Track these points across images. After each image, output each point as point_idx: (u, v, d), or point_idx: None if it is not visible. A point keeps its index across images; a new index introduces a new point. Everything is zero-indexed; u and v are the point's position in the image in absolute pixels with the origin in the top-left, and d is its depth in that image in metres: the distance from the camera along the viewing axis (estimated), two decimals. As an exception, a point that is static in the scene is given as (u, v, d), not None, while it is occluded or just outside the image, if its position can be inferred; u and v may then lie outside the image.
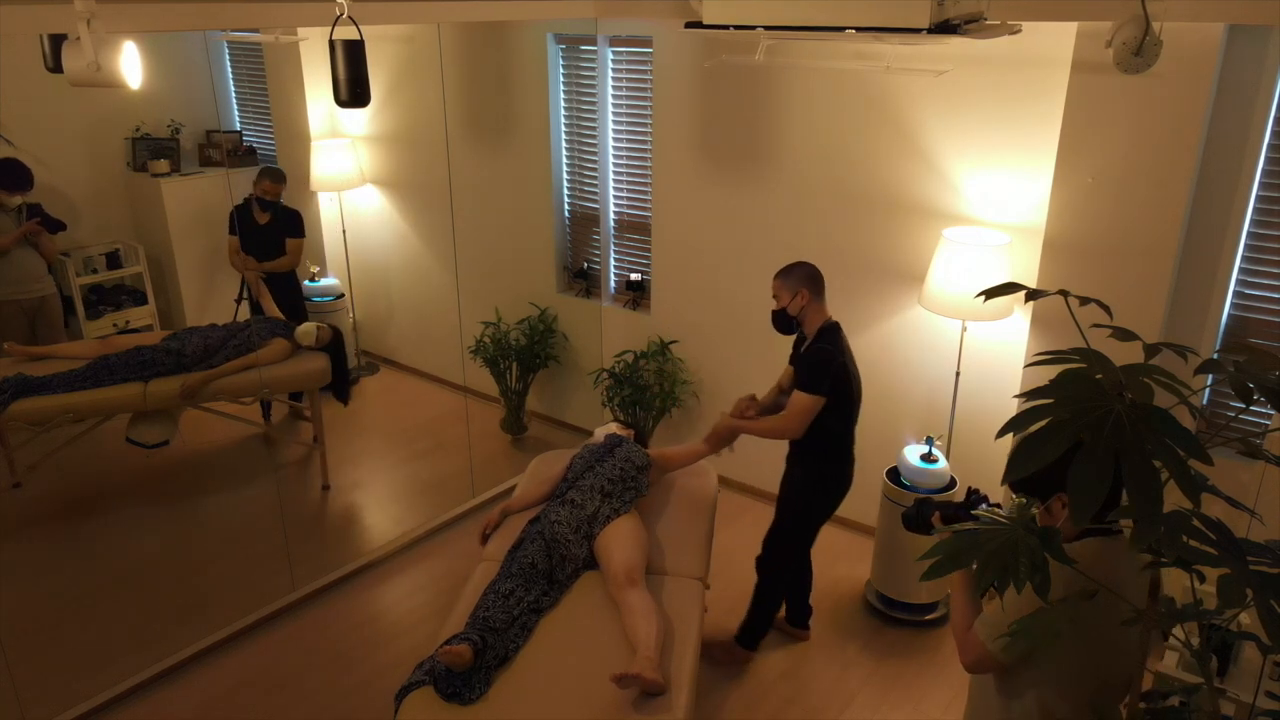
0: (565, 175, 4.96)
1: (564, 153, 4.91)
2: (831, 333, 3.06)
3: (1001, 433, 1.40)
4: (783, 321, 3.13)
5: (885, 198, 3.78)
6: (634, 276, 4.83)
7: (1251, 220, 3.07)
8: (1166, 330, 3.19)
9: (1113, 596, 1.62)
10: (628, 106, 4.58)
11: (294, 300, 4.70)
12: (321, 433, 4.61)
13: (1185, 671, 2.70)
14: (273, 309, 4.48)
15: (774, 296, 3.12)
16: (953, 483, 3.63)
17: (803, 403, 3.02)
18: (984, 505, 1.98)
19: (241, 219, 4.40)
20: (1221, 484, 1.60)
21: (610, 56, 4.53)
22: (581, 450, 3.33)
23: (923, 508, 2.11)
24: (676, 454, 3.41)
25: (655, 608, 2.63)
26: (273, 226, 4.50)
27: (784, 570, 3.34)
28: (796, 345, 3.22)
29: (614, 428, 3.56)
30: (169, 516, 4.28)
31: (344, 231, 5.48)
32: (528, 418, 5.22)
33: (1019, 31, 2.99)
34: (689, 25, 2.99)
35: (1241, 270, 3.13)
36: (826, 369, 2.99)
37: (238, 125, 4.73)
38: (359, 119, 5.46)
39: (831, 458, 3.19)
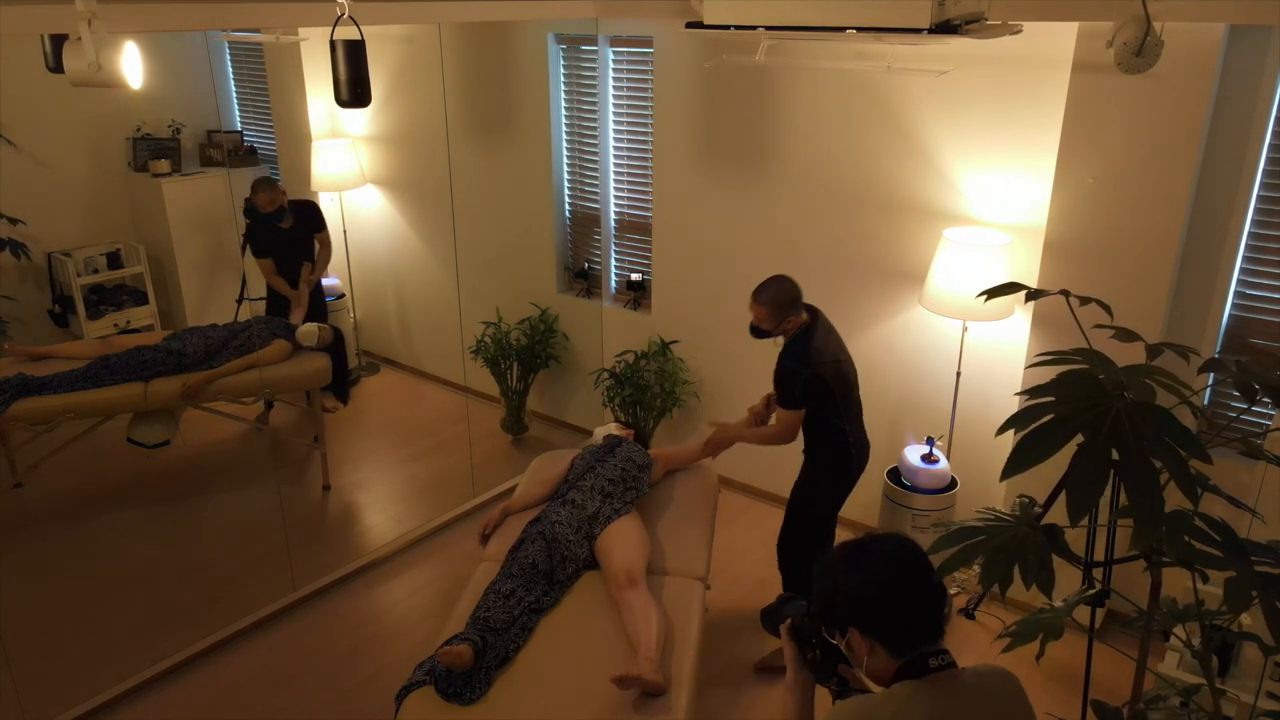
0: (566, 175, 4.96)
1: (564, 153, 4.91)
2: (800, 341, 3.01)
3: (1002, 430, 1.40)
4: (762, 334, 3.12)
5: (886, 198, 3.78)
6: (635, 276, 4.83)
7: (1252, 220, 3.07)
8: (1167, 330, 3.19)
9: None
10: (628, 106, 4.58)
11: (318, 301, 4.70)
12: (322, 433, 4.61)
13: (1185, 672, 2.70)
14: (300, 316, 4.48)
15: (757, 320, 3.03)
16: (953, 483, 3.63)
17: (784, 416, 3.09)
18: (812, 639, 1.82)
19: (263, 238, 4.34)
20: (1222, 484, 1.60)
21: (611, 56, 4.53)
22: (582, 452, 3.34)
23: (781, 608, 1.98)
24: (676, 454, 3.45)
25: (656, 608, 2.63)
26: (298, 228, 4.48)
27: (804, 563, 3.24)
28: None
29: (613, 428, 3.56)
30: (169, 516, 4.28)
31: (345, 231, 5.48)
32: (528, 418, 5.22)
33: (1020, 32, 2.99)
34: (690, 25, 2.99)
35: (1242, 270, 3.13)
36: (792, 387, 3.01)
37: (238, 125, 4.73)
38: (359, 119, 5.46)
39: (834, 450, 3.17)
